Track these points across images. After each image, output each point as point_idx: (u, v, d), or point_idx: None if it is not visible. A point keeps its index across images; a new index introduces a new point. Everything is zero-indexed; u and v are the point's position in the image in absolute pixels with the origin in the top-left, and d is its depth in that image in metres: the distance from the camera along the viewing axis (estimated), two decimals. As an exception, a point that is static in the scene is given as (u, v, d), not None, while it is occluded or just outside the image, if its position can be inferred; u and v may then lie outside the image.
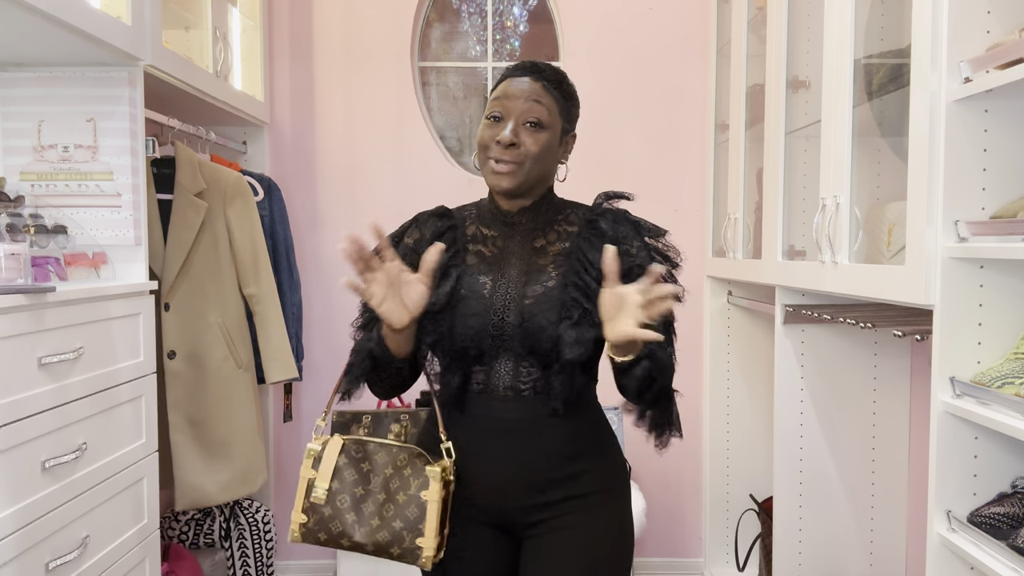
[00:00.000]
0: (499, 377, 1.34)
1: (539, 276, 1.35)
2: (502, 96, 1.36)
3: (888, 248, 1.80)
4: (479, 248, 1.41)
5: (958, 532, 1.42)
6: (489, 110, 1.37)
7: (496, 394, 1.35)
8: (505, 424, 1.35)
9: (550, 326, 1.30)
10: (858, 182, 1.80)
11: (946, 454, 1.44)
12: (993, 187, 1.40)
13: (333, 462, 1.36)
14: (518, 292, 1.34)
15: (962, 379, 1.41)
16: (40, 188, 1.98)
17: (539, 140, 1.34)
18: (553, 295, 1.33)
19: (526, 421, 1.35)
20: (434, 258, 1.25)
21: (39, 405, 1.55)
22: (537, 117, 1.34)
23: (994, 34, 1.38)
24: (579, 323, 1.30)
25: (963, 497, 1.44)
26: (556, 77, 1.39)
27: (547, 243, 1.39)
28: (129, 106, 1.97)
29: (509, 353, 1.33)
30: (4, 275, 1.54)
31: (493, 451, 1.35)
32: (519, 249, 1.39)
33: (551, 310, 1.31)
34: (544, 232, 1.40)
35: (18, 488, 1.50)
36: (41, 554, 1.56)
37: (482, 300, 1.34)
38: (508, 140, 1.32)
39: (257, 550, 2.69)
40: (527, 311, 1.32)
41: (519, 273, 1.36)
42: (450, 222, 1.44)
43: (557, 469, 1.35)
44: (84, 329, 1.71)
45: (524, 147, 1.33)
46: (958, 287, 1.42)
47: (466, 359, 1.34)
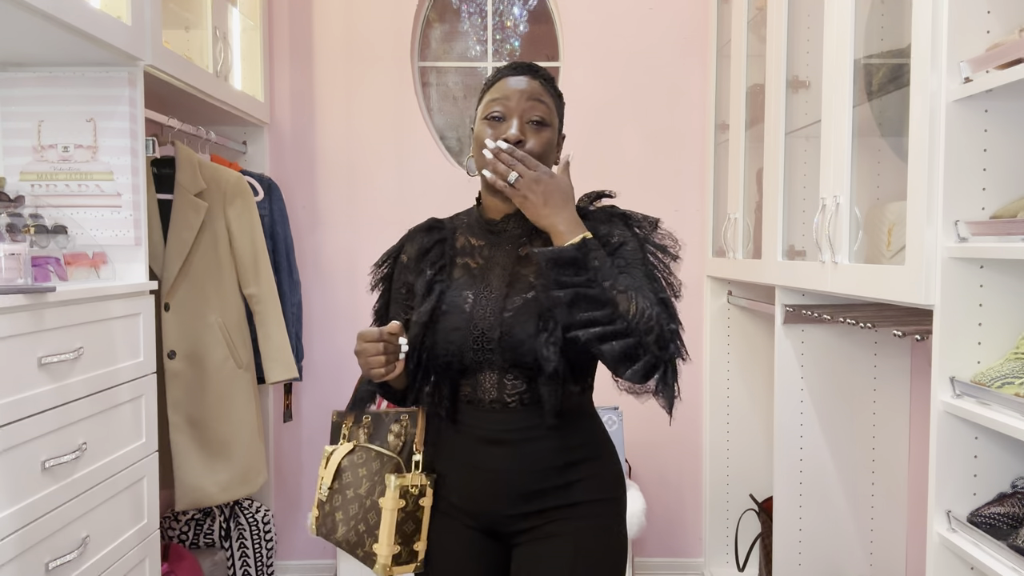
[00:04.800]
0: (484, 390, 1.33)
1: (520, 286, 1.33)
2: (502, 96, 1.34)
3: (888, 248, 1.80)
4: (466, 260, 1.40)
5: (958, 532, 1.41)
6: (487, 110, 1.35)
7: (483, 406, 1.33)
8: (494, 435, 1.33)
9: (529, 339, 1.27)
10: (858, 182, 1.80)
11: (946, 454, 1.44)
12: (993, 187, 1.40)
13: (337, 463, 1.45)
14: (498, 305, 1.32)
15: (962, 379, 1.41)
16: (40, 188, 1.98)
17: (542, 139, 1.33)
18: (531, 306, 1.29)
19: (515, 432, 1.32)
20: (394, 331, 1.27)
21: (39, 405, 1.55)
22: (540, 115, 1.33)
23: (994, 34, 1.38)
24: (551, 328, 1.26)
25: (963, 497, 1.44)
26: (549, 76, 1.39)
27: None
28: (129, 106, 1.97)
29: (493, 366, 1.31)
30: (4, 275, 1.54)
31: (483, 461, 1.34)
32: (504, 259, 1.37)
33: (529, 322, 1.28)
34: (530, 239, 1.37)
35: (18, 488, 1.50)
36: (41, 554, 1.56)
37: (463, 315, 1.32)
38: (516, 137, 1.31)
39: (257, 550, 2.69)
40: (506, 324, 1.29)
41: (501, 284, 1.34)
42: (438, 236, 1.43)
43: (548, 480, 1.33)
44: (84, 329, 1.71)
45: (529, 145, 1.32)
46: (958, 287, 1.42)
47: (451, 373, 1.33)
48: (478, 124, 1.37)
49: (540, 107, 1.33)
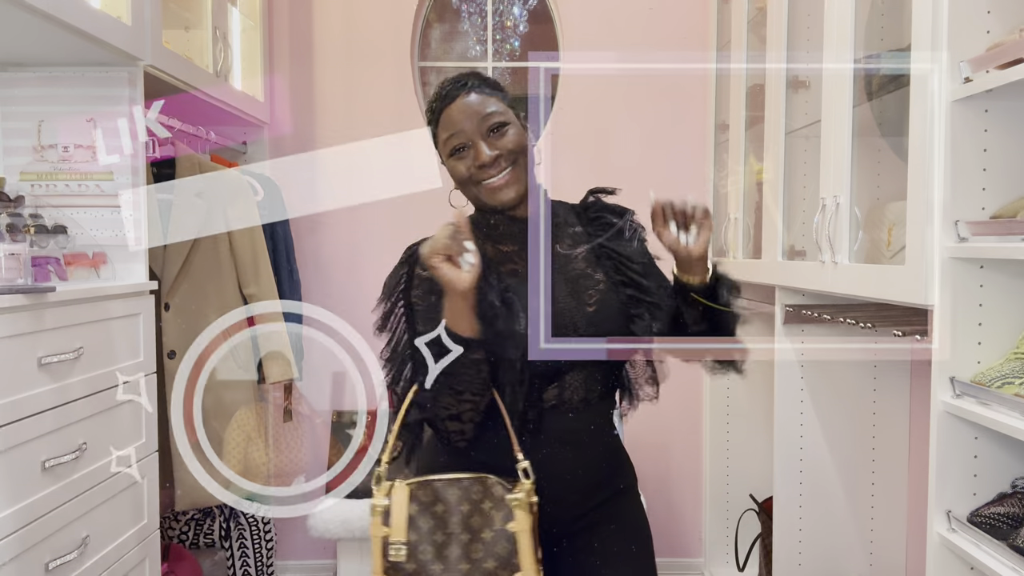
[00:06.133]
0: (572, 390, 1.33)
1: (585, 281, 1.34)
2: (452, 127, 1.30)
3: (888, 248, 1.80)
4: (511, 267, 1.36)
5: (958, 532, 1.41)
6: (447, 147, 1.31)
7: (569, 406, 1.33)
8: (573, 435, 1.34)
9: (619, 329, 1.32)
10: (858, 182, 1.80)
11: (946, 454, 1.44)
12: (993, 187, 1.40)
13: (405, 513, 1.25)
14: (575, 300, 1.33)
15: (962, 379, 1.41)
16: (40, 188, 1.98)
17: (510, 137, 1.31)
18: (611, 298, 1.33)
19: (592, 429, 1.36)
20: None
21: (39, 405, 1.55)
22: (496, 121, 1.30)
23: (994, 34, 1.37)
24: (645, 318, 1.32)
25: (963, 497, 1.44)
26: (478, 78, 1.35)
27: (566, 246, 1.38)
28: (129, 106, 1.97)
29: (582, 363, 1.32)
30: (4, 275, 1.54)
31: (557, 461, 1.32)
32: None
33: (618, 313, 1.32)
34: (556, 238, 1.38)
35: (18, 488, 1.50)
36: (41, 554, 1.56)
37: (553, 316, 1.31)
38: (490, 157, 1.28)
39: (257, 550, 2.69)
40: (592, 319, 1.32)
41: (562, 280, 1.34)
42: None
43: (607, 468, 1.39)
44: (84, 329, 1.71)
45: (504, 151, 1.30)
46: (958, 287, 1.41)
47: (543, 375, 1.30)
48: (447, 161, 1.33)
49: (491, 115, 1.30)
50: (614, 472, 1.41)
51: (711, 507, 2.99)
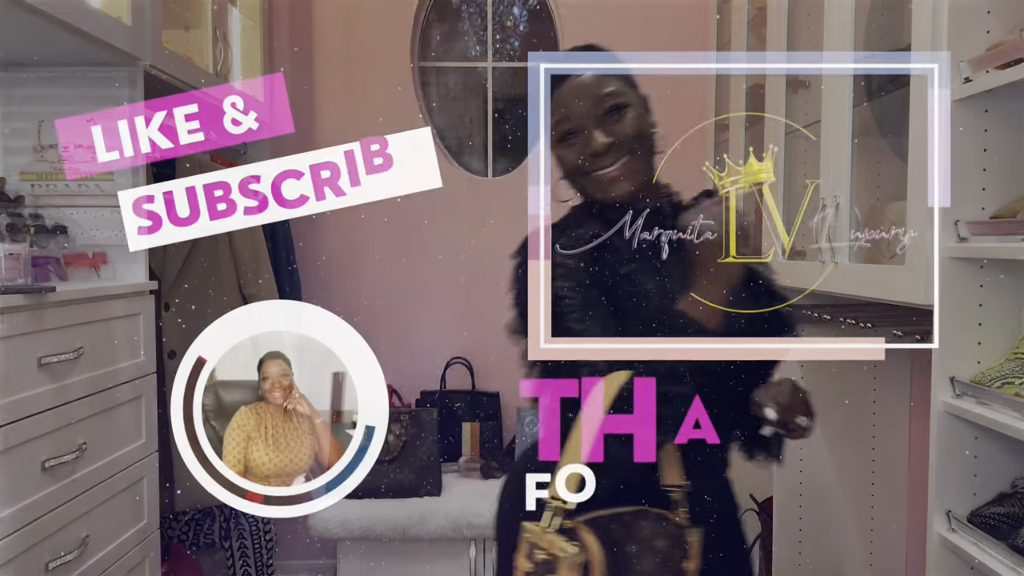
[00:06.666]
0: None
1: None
2: (564, 109, 1.17)
3: (888, 248, 1.80)
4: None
5: (958, 532, 1.41)
6: (557, 130, 1.17)
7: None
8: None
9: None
10: (858, 182, 1.80)
11: (946, 454, 1.44)
12: (993, 187, 1.40)
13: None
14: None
15: (962, 379, 1.41)
16: (40, 188, 1.98)
17: (627, 123, 1.18)
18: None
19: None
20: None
21: (39, 405, 1.55)
22: (612, 103, 1.17)
23: (994, 34, 1.37)
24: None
25: (963, 497, 1.44)
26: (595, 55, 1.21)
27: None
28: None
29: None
30: (4, 275, 1.54)
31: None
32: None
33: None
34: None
35: (18, 488, 1.50)
36: (41, 554, 1.56)
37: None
38: (604, 145, 1.15)
39: (257, 550, 2.69)
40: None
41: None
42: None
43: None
44: (84, 329, 1.71)
45: (620, 137, 1.17)
46: (958, 287, 1.41)
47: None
48: (555, 148, 1.19)
49: (608, 96, 1.17)
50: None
51: (711, 507, 2.99)
